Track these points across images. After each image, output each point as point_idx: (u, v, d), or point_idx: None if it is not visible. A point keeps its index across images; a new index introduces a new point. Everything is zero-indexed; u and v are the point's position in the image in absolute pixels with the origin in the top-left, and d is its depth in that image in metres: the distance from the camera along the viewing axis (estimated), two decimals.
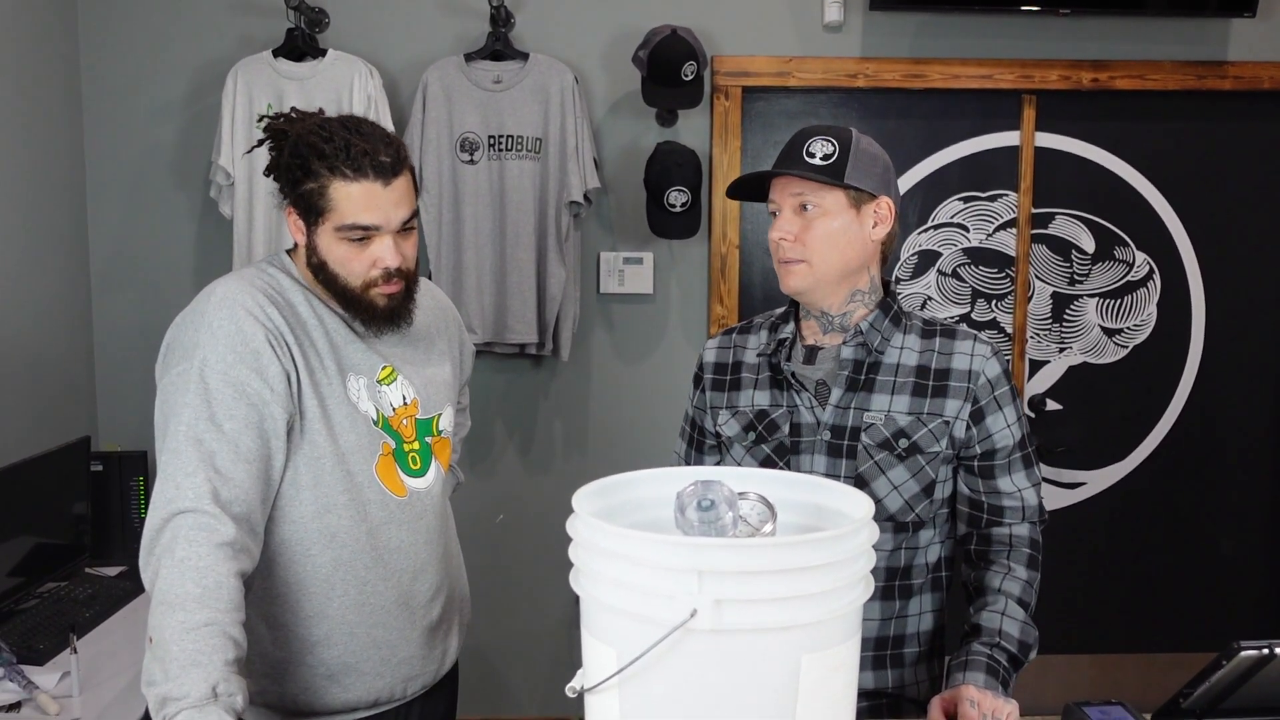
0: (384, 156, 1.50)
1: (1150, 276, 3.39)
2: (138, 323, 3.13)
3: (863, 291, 1.63)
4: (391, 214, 1.52)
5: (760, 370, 1.69)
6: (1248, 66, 3.23)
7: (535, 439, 3.31)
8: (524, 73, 3.02)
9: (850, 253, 1.60)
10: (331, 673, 1.58)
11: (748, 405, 1.68)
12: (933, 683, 1.67)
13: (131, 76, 3.10)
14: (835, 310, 1.63)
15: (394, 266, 1.54)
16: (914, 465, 1.59)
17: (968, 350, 1.61)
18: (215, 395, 1.44)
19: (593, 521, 1.12)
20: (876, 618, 1.62)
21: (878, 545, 1.59)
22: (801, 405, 1.63)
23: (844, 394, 1.61)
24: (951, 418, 1.58)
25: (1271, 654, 1.31)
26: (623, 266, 3.23)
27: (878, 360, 1.61)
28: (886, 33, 3.19)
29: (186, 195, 3.14)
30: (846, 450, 1.60)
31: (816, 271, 1.59)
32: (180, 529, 1.37)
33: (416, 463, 1.64)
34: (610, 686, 1.11)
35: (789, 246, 1.59)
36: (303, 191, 1.51)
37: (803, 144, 1.59)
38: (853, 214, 1.59)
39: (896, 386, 1.60)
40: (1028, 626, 1.55)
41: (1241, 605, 3.50)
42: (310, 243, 1.55)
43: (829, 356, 1.63)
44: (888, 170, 1.64)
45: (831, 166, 1.57)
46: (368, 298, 1.55)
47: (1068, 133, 3.32)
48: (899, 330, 1.63)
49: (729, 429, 1.70)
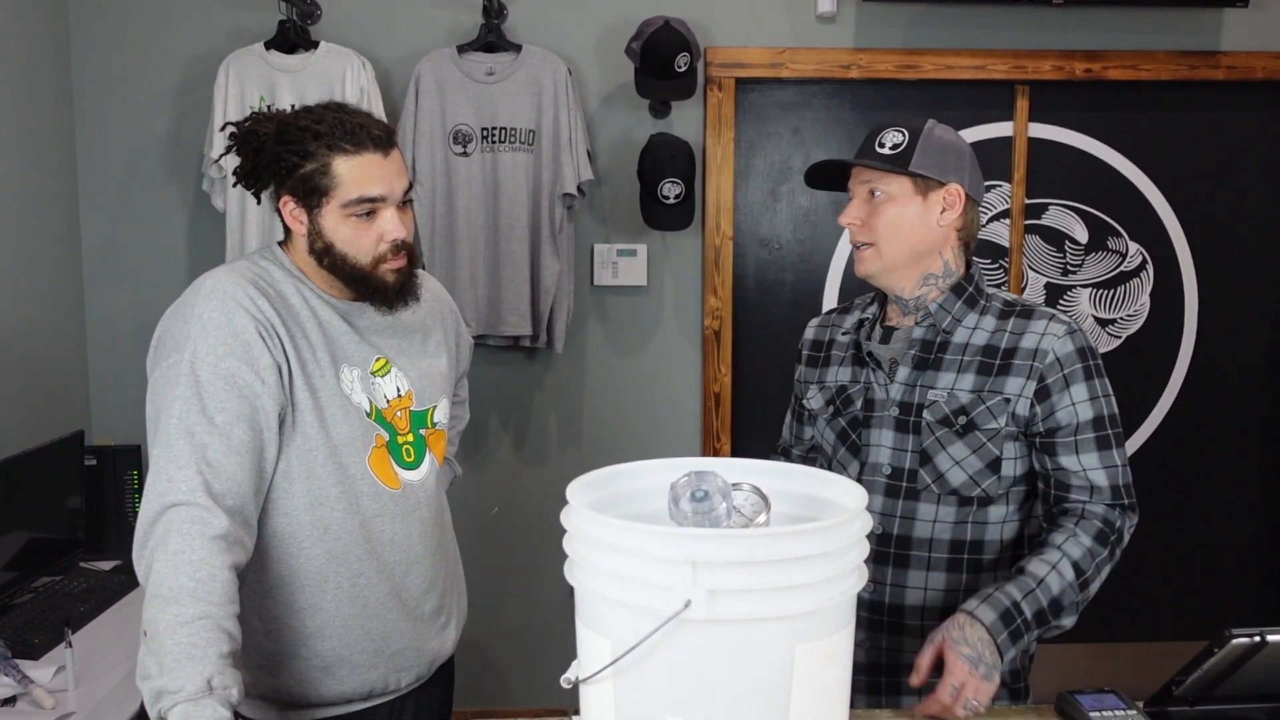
0: (377, 130, 1.53)
1: (1143, 267, 3.39)
2: (131, 316, 3.12)
3: (935, 275, 1.68)
4: (395, 184, 1.54)
5: (847, 348, 1.78)
6: (1240, 56, 3.24)
7: (530, 431, 3.31)
8: (517, 64, 3.01)
9: (916, 237, 1.65)
10: (325, 665, 1.58)
11: (832, 381, 1.78)
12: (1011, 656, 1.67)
13: (123, 69, 3.09)
14: (908, 294, 1.69)
15: (401, 238, 1.56)
16: (974, 441, 1.62)
17: (1040, 329, 1.63)
18: (206, 388, 1.44)
19: (587, 513, 1.12)
20: (941, 588, 1.66)
21: (940, 517, 1.64)
22: (875, 382, 1.71)
23: (911, 372, 1.67)
24: (1013, 395, 1.61)
25: (1263, 641, 1.32)
26: (616, 259, 3.23)
27: (946, 340, 1.67)
28: (879, 23, 3.19)
29: (179, 188, 3.14)
30: (912, 426, 1.66)
31: (884, 255, 1.66)
32: (173, 522, 1.37)
33: (410, 455, 1.63)
34: (605, 677, 1.11)
35: (856, 230, 1.67)
36: (302, 175, 1.51)
37: (877, 134, 1.67)
38: (919, 200, 1.65)
39: (963, 365, 1.65)
40: (1071, 591, 1.53)
41: (1234, 594, 3.51)
42: (313, 228, 1.54)
43: (903, 336, 1.71)
44: (961, 158, 1.68)
45: (898, 155, 1.63)
46: (378, 274, 1.56)
47: (1061, 123, 3.32)
48: (973, 311, 1.68)
49: (814, 403, 1.81)
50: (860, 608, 1.67)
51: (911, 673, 1.52)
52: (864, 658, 1.69)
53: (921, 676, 1.49)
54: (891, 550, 1.67)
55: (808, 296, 3.36)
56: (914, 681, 1.50)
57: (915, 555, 1.66)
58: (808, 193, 3.32)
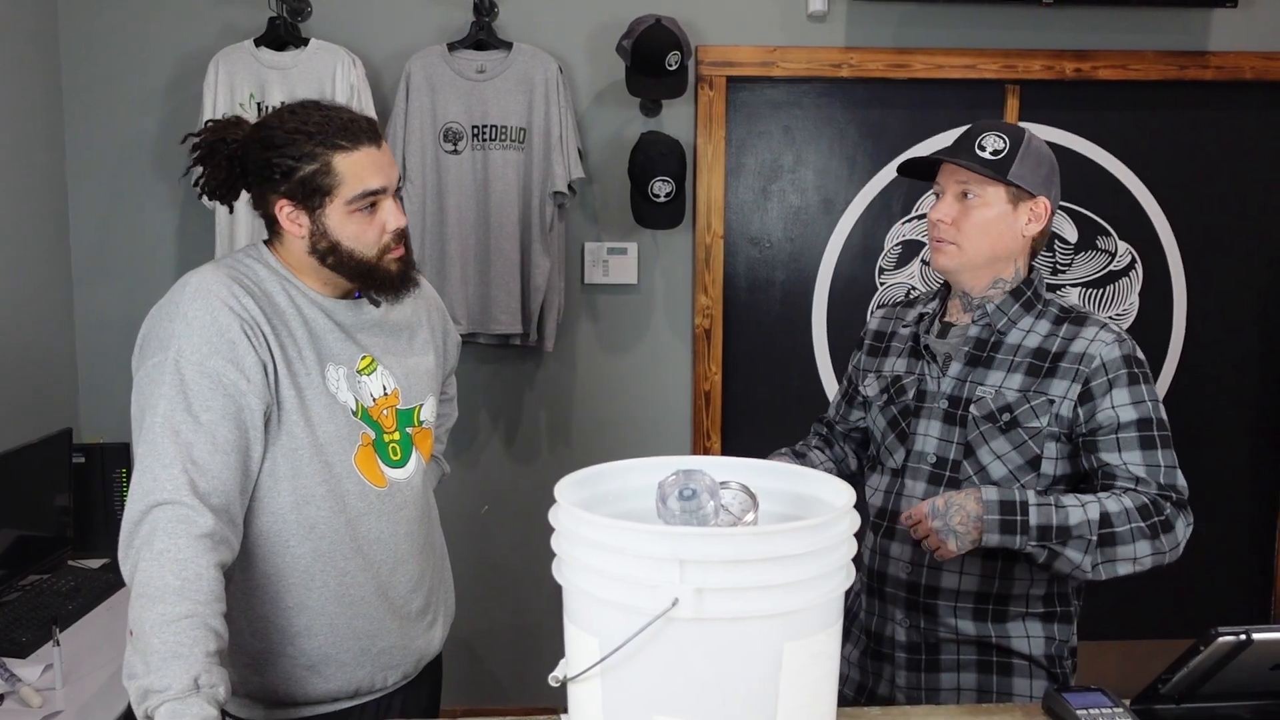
0: (364, 123, 1.54)
1: (1132, 266, 3.40)
2: (119, 313, 3.11)
3: (1005, 280, 1.74)
4: (391, 174, 1.57)
5: (907, 341, 1.84)
6: (1229, 56, 3.25)
7: (520, 430, 3.31)
8: (508, 62, 3.01)
9: (1000, 244, 1.70)
10: (312, 663, 1.58)
11: (889, 370, 1.84)
12: (1046, 641, 1.73)
13: (112, 66, 3.08)
14: (976, 293, 1.74)
15: (402, 226, 1.58)
16: (1015, 438, 1.67)
17: (1090, 335, 1.67)
18: (191, 386, 1.43)
19: (575, 511, 1.13)
20: (976, 573, 1.70)
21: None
22: (929, 374, 1.76)
23: (963, 367, 1.73)
24: (1058, 397, 1.65)
25: (1248, 640, 1.32)
26: (607, 257, 3.23)
27: (1000, 340, 1.72)
28: (870, 23, 3.19)
29: (168, 185, 3.12)
30: (959, 419, 1.71)
31: (965, 254, 1.70)
32: (159, 521, 1.36)
33: (397, 453, 1.63)
34: (592, 675, 1.11)
35: (945, 228, 1.70)
36: (301, 178, 1.50)
37: (977, 136, 1.69)
38: (1009, 209, 1.69)
39: (1013, 365, 1.69)
40: (1088, 528, 1.57)
41: (1222, 593, 3.53)
42: (316, 228, 1.53)
43: (959, 333, 1.76)
44: (1053, 172, 1.73)
45: (999, 162, 1.67)
46: (384, 265, 1.57)
47: (1051, 122, 3.33)
48: (1029, 314, 1.73)
49: (870, 389, 1.87)
50: (899, 588, 1.76)
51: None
52: (904, 636, 1.76)
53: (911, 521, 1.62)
54: None
55: (799, 295, 3.36)
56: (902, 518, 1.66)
57: None
58: (798, 191, 3.32)
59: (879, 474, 1.83)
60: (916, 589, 1.74)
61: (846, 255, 3.35)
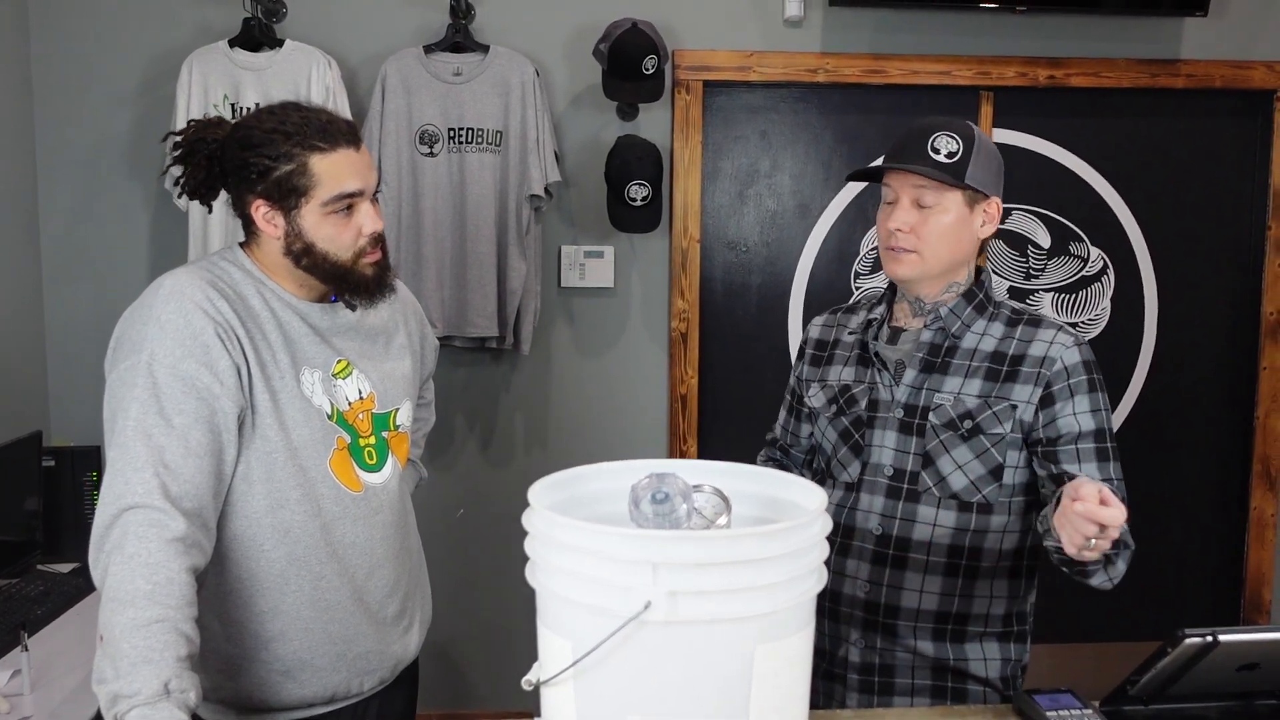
0: (344, 125, 1.54)
1: (1104, 271, 3.44)
2: (90, 315, 3.08)
3: (958, 283, 1.69)
4: (369, 177, 1.55)
5: (853, 348, 1.77)
6: (1200, 65, 3.29)
7: (496, 433, 3.30)
8: (484, 65, 3.01)
9: (959, 248, 1.65)
10: (287, 668, 1.57)
11: (835, 380, 1.77)
12: (1003, 663, 1.69)
13: (84, 65, 3.05)
14: (930, 299, 1.69)
15: (379, 230, 1.56)
16: (977, 446, 1.62)
17: (1048, 338, 1.63)
18: (164, 389, 1.42)
19: (547, 514, 1.13)
20: (937, 591, 1.65)
21: (940, 521, 1.62)
22: (880, 383, 1.70)
23: (918, 374, 1.67)
24: (1020, 402, 1.61)
25: (1215, 641, 1.33)
26: (584, 260, 3.23)
27: (954, 344, 1.67)
28: (846, 28, 3.21)
29: (141, 186, 3.10)
30: (916, 429, 1.65)
31: (926, 263, 1.64)
32: (130, 525, 1.35)
33: (372, 457, 1.63)
34: (566, 679, 1.11)
35: (903, 237, 1.63)
36: (277, 178, 1.50)
37: (928, 138, 1.62)
38: (967, 212, 1.64)
39: (970, 370, 1.64)
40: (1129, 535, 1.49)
41: (1192, 595, 3.56)
42: (291, 229, 1.53)
43: (910, 338, 1.70)
44: (1001, 169, 1.68)
45: (954, 166, 1.60)
46: (359, 269, 1.56)
47: (1024, 129, 3.36)
48: (982, 317, 1.68)
49: (816, 401, 1.79)
50: (856, 607, 1.69)
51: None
52: (858, 657, 1.69)
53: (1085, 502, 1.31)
54: (890, 551, 1.66)
55: (774, 299, 3.37)
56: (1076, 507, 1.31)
57: (913, 558, 1.65)
58: (775, 195, 3.34)
59: (831, 488, 1.75)
60: (875, 608, 1.67)
61: (822, 259, 3.36)
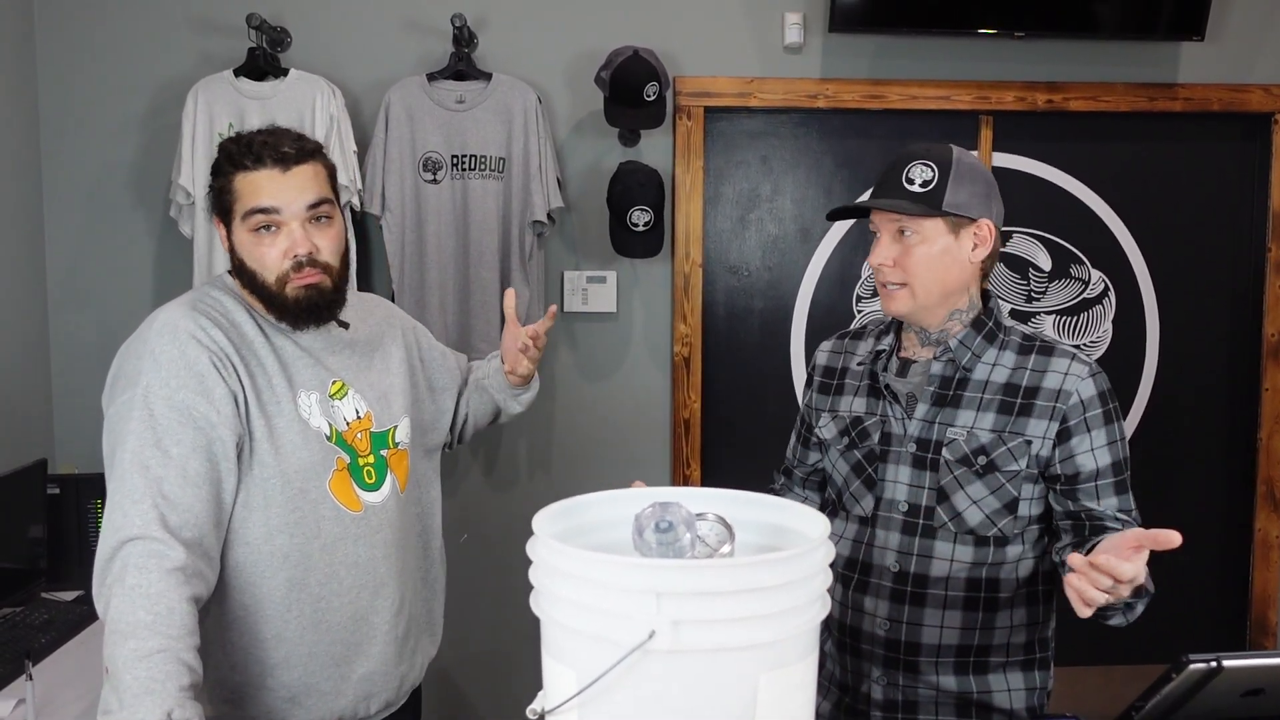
0: (286, 148, 1.55)
1: (1105, 294, 3.44)
2: (96, 342, 3.09)
3: (961, 310, 1.66)
4: (292, 197, 1.54)
5: (862, 378, 1.74)
6: (1197, 88, 3.31)
7: (499, 457, 3.30)
8: (487, 93, 3.03)
9: (950, 275, 1.62)
10: (292, 695, 1.57)
11: (846, 411, 1.74)
12: (1028, 693, 1.67)
13: (90, 94, 3.08)
14: (934, 328, 1.67)
15: (303, 253, 1.55)
16: (992, 482, 1.60)
17: (1062, 369, 1.60)
18: (160, 421, 1.43)
19: (551, 543, 1.13)
20: (957, 626, 1.62)
21: (957, 556, 1.60)
22: (892, 416, 1.67)
23: (930, 408, 1.64)
24: (1036, 437, 1.58)
25: (1219, 667, 1.33)
26: (586, 285, 3.24)
27: (966, 376, 1.64)
28: (846, 54, 3.23)
29: (146, 213, 3.12)
30: (930, 464, 1.63)
31: (918, 296, 1.62)
32: (130, 557, 1.36)
33: (372, 477, 1.63)
34: (570, 708, 1.11)
35: (889, 271, 1.62)
36: (216, 195, 1.56)
37: (903, 169, 1.61)
38: (951, 238, 1.61)
39: (983, 403, 1.61)
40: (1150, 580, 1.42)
41: (1199, 619, 3.55)
42: (231, 246, 1.58)
43: (921, 370, 1.67)
44: (990, 188, 1.65)
45: (929, 194, 1.59)
46: (284, 293, 1.56)
47: (1024, 153, 3.37)
48: (993, 346, 1.65)
49: (826, 432, 1.76)
50: (876, 645, 1.66)
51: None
52: (881, 694, 1.67)
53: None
54: (908, 589, 1.63)
55: (777, 323, 3.38)
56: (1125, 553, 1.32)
57: (932, 594, 1.63)
58: (776, 220, 3.35)
59: (843, 520, 1.73)
60: (896, 646, 1.65)
61: (824, 284, 3.37)
